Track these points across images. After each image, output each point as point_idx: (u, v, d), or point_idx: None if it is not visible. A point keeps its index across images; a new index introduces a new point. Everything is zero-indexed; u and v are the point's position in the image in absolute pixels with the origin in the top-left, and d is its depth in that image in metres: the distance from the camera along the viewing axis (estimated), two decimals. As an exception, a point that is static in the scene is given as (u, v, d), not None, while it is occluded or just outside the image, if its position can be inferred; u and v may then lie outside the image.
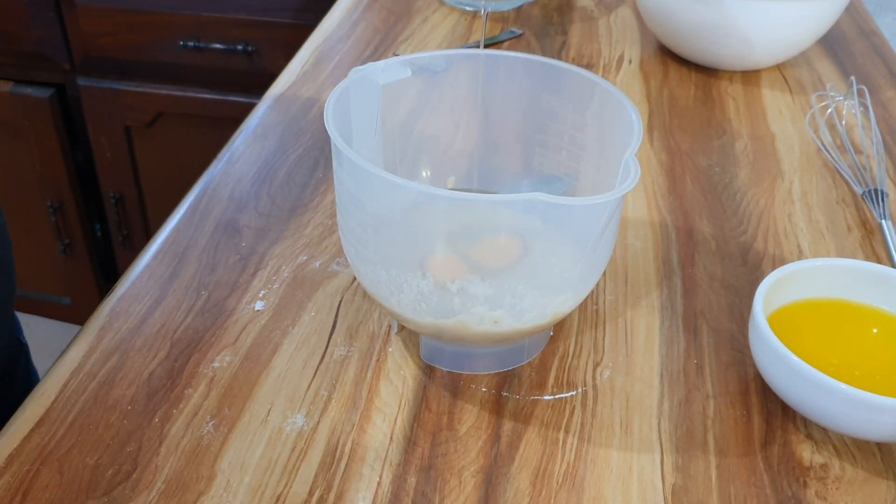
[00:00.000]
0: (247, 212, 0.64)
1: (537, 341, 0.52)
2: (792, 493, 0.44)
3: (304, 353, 0.52)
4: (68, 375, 0.49)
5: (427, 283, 0.44)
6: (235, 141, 0.73)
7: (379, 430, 0.47)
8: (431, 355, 0.51)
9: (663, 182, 0.69)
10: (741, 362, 0.52)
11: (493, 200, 0.43)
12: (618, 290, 0.57)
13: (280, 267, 0.58)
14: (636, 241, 0.62)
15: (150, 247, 0.60)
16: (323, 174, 0.69)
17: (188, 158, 1.43)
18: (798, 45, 0.85)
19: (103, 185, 1.50)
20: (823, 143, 0.75)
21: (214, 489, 0.43)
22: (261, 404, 0.48)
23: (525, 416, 0.48)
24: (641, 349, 0.53)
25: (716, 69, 0.88)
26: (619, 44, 0.94)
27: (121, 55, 1.37)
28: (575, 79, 0.52)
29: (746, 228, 0.64)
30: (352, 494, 0.43)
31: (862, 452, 0.47)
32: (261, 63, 1.33)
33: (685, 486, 0.45)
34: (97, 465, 0.44)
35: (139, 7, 1.32)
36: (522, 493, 0.44)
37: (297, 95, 0.80)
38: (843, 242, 0.63)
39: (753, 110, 0.81)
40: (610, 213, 0.42)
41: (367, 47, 0.91)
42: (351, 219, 0.46)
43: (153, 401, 0.48)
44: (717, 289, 0.58)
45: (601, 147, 0.51)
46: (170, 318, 0.54)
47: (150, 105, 1.40)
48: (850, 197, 0.68)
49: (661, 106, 0.81)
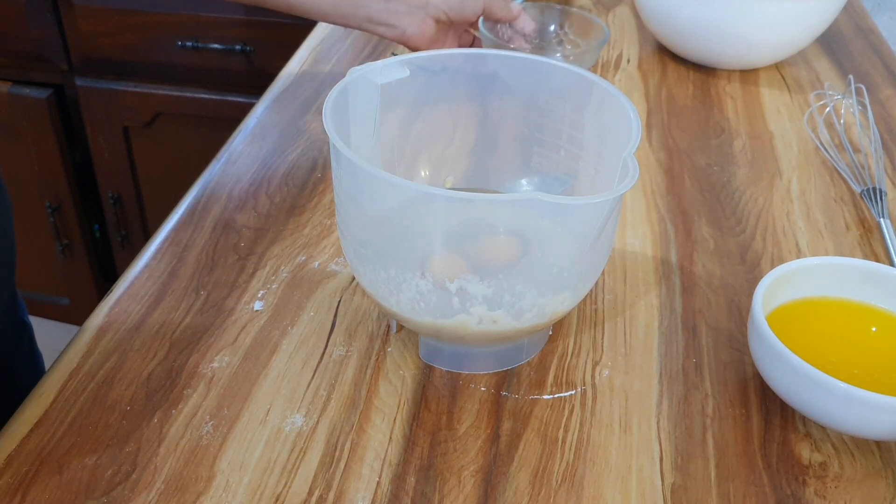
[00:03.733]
0: (245, 212, 0.64)
1: (536, 341, 0.52)
2: (791, 491, 0.44)
3: (303, 353, 0.52)
4: (67, 376, 0.49)
5: (426, 283, 0.44)
6: (234, 141, 0.73)
7: (378, 429, 0.47)
8: (430, 355, 0.51)
9: (662, 181, 0.69)
10: (740, 361, 0.52)
11: (492, 200, 0.43)
12: (616, 289, 0.57)
13: (279, 267, 0.58)
14: (635, 240, 0.62)
15: (149, 247, 0.60)
16: (321, 174, 0.69)
17: (186, 159, 1.43)
18: (796, 43, 0.86)
19: (102, 185, 1.50)
20: (822, 142, 0.75)
21: (214, 489, 0.43)
22: (260, 404, 0.48)
23: (524, 415, 0.48)
24: (640, 348, 0.53)
25: (714, 68, 0.88)
26: (618, 43, 0.94)
27: (119, 55, 1.37)
28: (573, 78, 0.52)
29: (745, 227, 0.64)
30: (351, 494, 0.43)
31: (861, 451, 0.47)
32: (259, 63, 1.33)
33: (684, 484, 0.45)
34: (96, 465, 0.44)
35: (137, 7, 1.32)
36: (522, 492, 0.44)
37: (296, 95, 0.80)
38: (842, 241, 0.63)
39: (752, 109, 0.81)
40: (608, 213, 0.42)
41: (366, 47, 0.91)
42: (350, 219, 0.46)
43: (152, 401, 0.48)
44: (715, 287, 0.58)
45: (600, 146, 0.51)
46: (169, 318, 0.54)
47: (149, 105, 1.40)
48: (848, 195, 0.68)
49: (660, 105, 0.81)
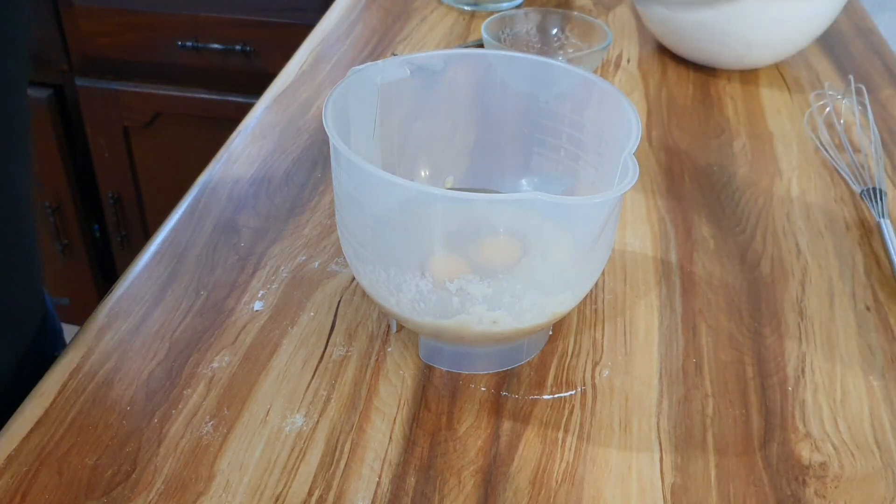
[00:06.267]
0: (245, 212, 0.64)
1: (536, 341, 0.52)
2: (791, 491, 0.44)
3: (303, 353, 0.52)
4: (67, 376, 0.49)
5: (426, 283, 0.44)
6: (234, 141, 0.73)
7: (378, 429, 0.47)
8: (430, 355, 0.51)
9: (662, 181, 0.69)
10: (740, 361, 0.52)
11: (492, 200, 0.43)
12: (616, 289, 0.57)
13: (279, 267, 0.58)
14: (635, 240, 0.62)
15: (149, 247, 0.60)
16: (321, 174, 0.69)
17: (186, 159, 1.43)
18: (796, 44, 0.85)
19: (101, 185, 1.50)
20: (822, 142, 0.75)
21: (213, 489, 0.43)
22: (260, 404, 0.48)
23: (524, 415, 0.48)
24: (640, 348, 0.53)
25: (714, 68, 0.88)
26: (618, 43, 0.94)
27: (119, 55, 1.37)
28: (573, 78, 0.52)
29: (745, 227, 0.64)
30: (351, 494, 0.43)
31: (861, 451, 0.47)
32: (259, 63, 1.33)
33: (684, 484, 0.45)
34: (96, 465, 0.44)
35: (137, 7, 1.32)
36: (522, 492, 0.44)
37: (296, 95, 0.80)
38: (842, 241, 0.63)
39: (752, 109, 0.81)
40: (608, 213, 0.42)
41: (366, 47, 0.91)
42: (349, 219, 0.46)
43: (152, 401, 0.48)
44: (715, 288, 0.58)
45: (600, 146, 0.51)
46: (168, 318, 0.54)
47: (149, 105, 1.40)
48: (848, 196, 0.68)
49: (660, 105, 0.81)
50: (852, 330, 0.55)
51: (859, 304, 0.57)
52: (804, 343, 0.54)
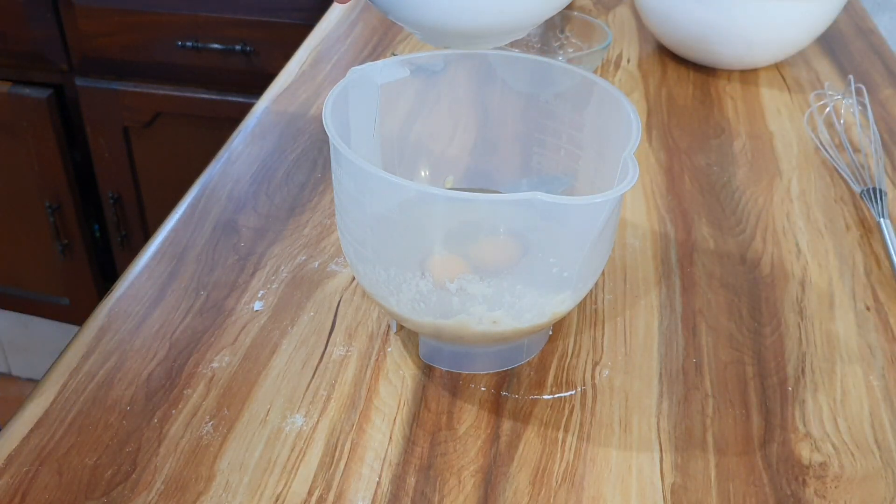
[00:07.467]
0: (245, 212, 0.64)
1: (536, 341, 0.52)
2: (791, 491, 0.44)
3: (303, 352, 0.52)
4: (67, 376, 0.49)
5: (426, 283, 0.44)
6: (234, 141, 0.73)
7: (378, 429, 0.47)
8: (430, 355, 0.51)
9: (662, 181, 0.69)
10: (740, 361, 0.52)
11: (492, 200, 0.43)
12: (616, 289, 0.57)
13: (279, 267, 0.58)
14: (635, 240, 0.62)
15: (149, 247, 0.60)
16: (321, 174, 0.69)
17: (186, 159, 1.43)
18: (796, 44, 0.86)
19: (101, 185, 1.50)
20: (822, 142, 0.75)
21: (213, 489, 0.43)
22: (260, 404, 0.48)
23: (524, 415, 0.48)
24: (640, 348, 0.53)
25: (714, 68, 0.88)
26: (618, 43, 0.94)
27: (119, 55, 1.37)
28: (573, 78, 0.52)
29: (745, 227, 0.64)
30: (351, 494, 0.43)
31: (861, 451, 0.47)
32: (259, 63, 1.33)
33: (684, 484, 0.45)
34: (96, 465, 0.44)
35: (137, 7, 1.32)
36: (522, 492, 0.44)
37: (296, 95, 0.80)
38: (842, 241, 0.63)
39: (752, 109, 0.81)
40: (608, 213, 0.42)
41: (366, 47, 0.91)
42: (349, 218, 0.46)
43: (152, 401, 0.48)
44: (715, 288, 0.58)
45: (599, 146, 0.51)
46: (168, 318, 0.54)
47: (149, 105, 1.40)
48: (848, 195, 0.68)
49: (660, 105, 0.81)
50: (852, 330, 0.55)
51: (859, 304, 0.57)
52: (804, 343, 0.54)
